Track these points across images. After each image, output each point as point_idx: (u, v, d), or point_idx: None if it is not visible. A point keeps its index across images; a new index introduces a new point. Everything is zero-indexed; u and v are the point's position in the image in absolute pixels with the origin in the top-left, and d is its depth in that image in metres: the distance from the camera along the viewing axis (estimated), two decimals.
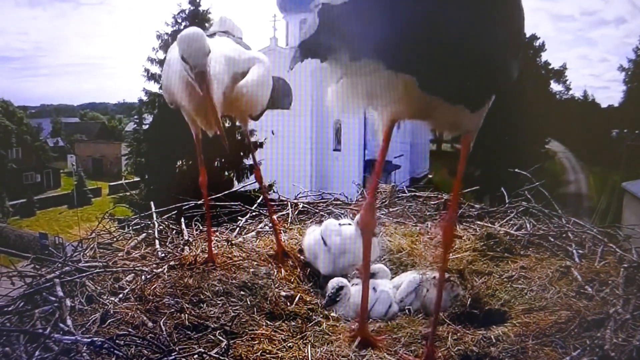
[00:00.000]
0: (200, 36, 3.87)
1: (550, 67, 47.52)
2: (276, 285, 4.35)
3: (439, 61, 2.43)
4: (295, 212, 6.32)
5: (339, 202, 6.74)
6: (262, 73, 4.46)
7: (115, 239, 5.47)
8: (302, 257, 4.98)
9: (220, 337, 3.61)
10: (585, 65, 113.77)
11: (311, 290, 4.59)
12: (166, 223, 5.67)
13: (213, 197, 6.21)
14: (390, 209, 6.43)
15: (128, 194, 23.93)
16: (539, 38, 44.57)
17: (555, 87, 48.93)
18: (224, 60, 4.18)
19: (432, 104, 2.75)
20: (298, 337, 3.78)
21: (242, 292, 4.19)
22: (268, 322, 3.89)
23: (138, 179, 30.42)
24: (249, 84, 4.30)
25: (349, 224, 4.90)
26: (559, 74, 49.32)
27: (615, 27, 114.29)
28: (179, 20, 27.22)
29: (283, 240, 5.29)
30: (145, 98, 28.69)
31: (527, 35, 39.87)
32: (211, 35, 4.38)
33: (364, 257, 3.73)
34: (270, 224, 5.70)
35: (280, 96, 4.90)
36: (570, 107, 51.43)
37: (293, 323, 3.94)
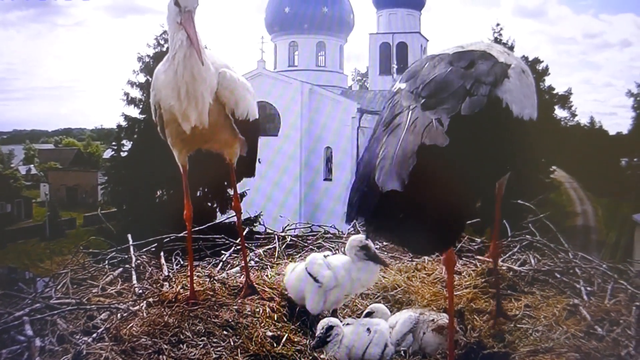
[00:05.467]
0: None
1: (555, 92, 47.70)
2: (262, 325, 4.31)
3: None
4: (283, 246, 6.29)
5: (329, 235, 6.71)
6: (244, 81, 4.73)
7: (89, 274, 5.44)
8: (288, 294, 4.94)
9: None
10: (589, 90, 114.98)
11: (299, 330, 4.53)
12: (144, 257, 5.64)
13: (195, 229, 6.18)
14: (384, 243, 6.40)
15: (104, 225, 23.85)
16: (542, 62, 44.84)
17: (559, 113, 49.04)
18: (222, 62, 4.55)
19: None
20: None
21: (224, 332, 4.15)
22: None
23: (115, 209, 30.35)
24: (232, 73, 4.55)
25: (333, 254, 4.90)
26: (564, 99, 49.45)
27: (619, 50, 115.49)
28: (162, 42, 27.35)
29: (269, 275, 5.28)
30: (124, 123, 28.73)
31: (530, 59, 40.18)
32: None
33: (449, 293, 4.00)
34: (257, 259, 5.71)
35: (266, 121, 4.99)
36: (577, 134, 51.63)
37: None
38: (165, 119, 4.49)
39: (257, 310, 4.51)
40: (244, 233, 6.19)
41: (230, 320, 4.29)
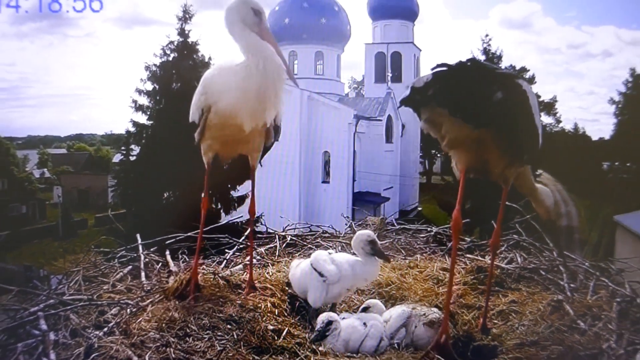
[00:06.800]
0: None
1: (541, 99, 47.74)
2: (263, 319, 4.31)
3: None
4: (283, 245, 6.30)
5: (327, 235, 6.73)
6: None
7: (100, 272, 5.44)
8: (289, 290, 4.94)
9: None
10: (573, 98, 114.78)
11: (299, 323, 4.54)
12: (152, 255, 5.65)
13: (196, 231, 6.18)
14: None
15: (114, 226, 23.85)
16: (529, 70, 45.04)
17: (545, 119, 49.13)
18: None
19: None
20: None
21: (228, 326, 4.15)
22: (255, 357, 3.86)
23: (124, 210, 30.32)
24: None
25: (336, 252, 4.95)
26: (550, 107, 49.60)
27: (601, 60, 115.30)
28: (168, 52, 27.36)
29: (270, 273, 5.29)
30: (132, 129, 28.68)
31: (517, 68, 40.24)
32: None
33: (453, 257, 4.35)
34: (259, 257, 5.71)
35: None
36: (562, 140, 51.61)
37: (280, 358, 3.91)
38: (214, 122, 4.42)
39: (259, 305, 4.52)
40: (247, 232, 6.20)
41: (234, 314, 4.29)
